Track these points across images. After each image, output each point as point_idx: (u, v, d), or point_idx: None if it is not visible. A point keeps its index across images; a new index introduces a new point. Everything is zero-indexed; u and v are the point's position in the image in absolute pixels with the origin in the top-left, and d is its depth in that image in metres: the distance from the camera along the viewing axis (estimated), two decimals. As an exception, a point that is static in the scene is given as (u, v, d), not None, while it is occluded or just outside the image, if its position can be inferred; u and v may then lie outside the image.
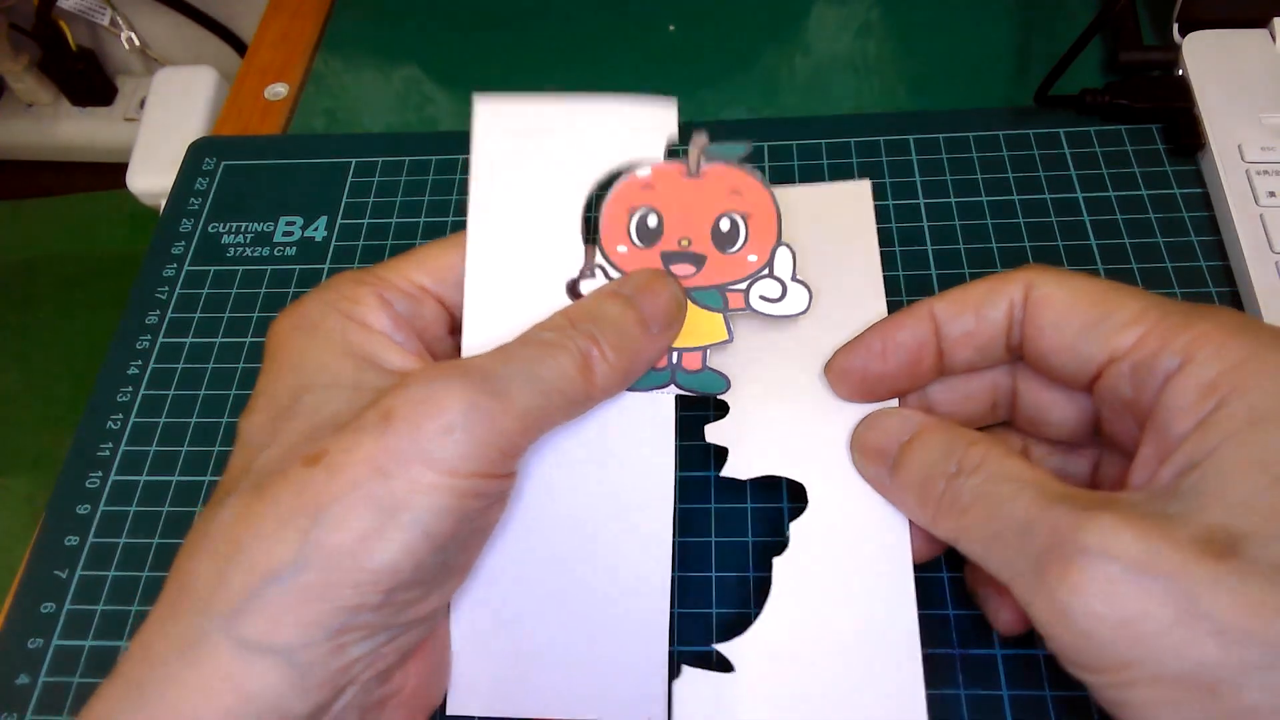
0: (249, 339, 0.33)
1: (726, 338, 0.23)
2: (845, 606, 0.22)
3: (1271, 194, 0.30)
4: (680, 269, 0.23)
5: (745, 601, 0.25)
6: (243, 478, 0.20)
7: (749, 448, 0.23)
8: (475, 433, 0.19)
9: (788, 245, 0.23)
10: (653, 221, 0.23)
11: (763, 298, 0.23)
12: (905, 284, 0.31)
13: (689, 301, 0.23)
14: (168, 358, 0.33)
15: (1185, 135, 0.32)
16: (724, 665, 0.22)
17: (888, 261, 0.32)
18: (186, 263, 0.35)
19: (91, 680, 0.27)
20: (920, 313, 0.22)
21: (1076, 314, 0.20)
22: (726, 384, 0.23)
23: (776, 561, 0.23)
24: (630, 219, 0.23)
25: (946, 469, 0.20)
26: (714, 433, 0.24)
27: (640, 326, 0.22)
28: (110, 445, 0.31)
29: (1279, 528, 0.16)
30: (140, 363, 0.33)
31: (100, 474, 0.31)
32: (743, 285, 0.23)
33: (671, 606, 0.22)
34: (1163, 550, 0.16)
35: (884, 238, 0.32)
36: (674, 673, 0.22)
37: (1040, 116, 0.35)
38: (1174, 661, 0.16)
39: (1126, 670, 0.16)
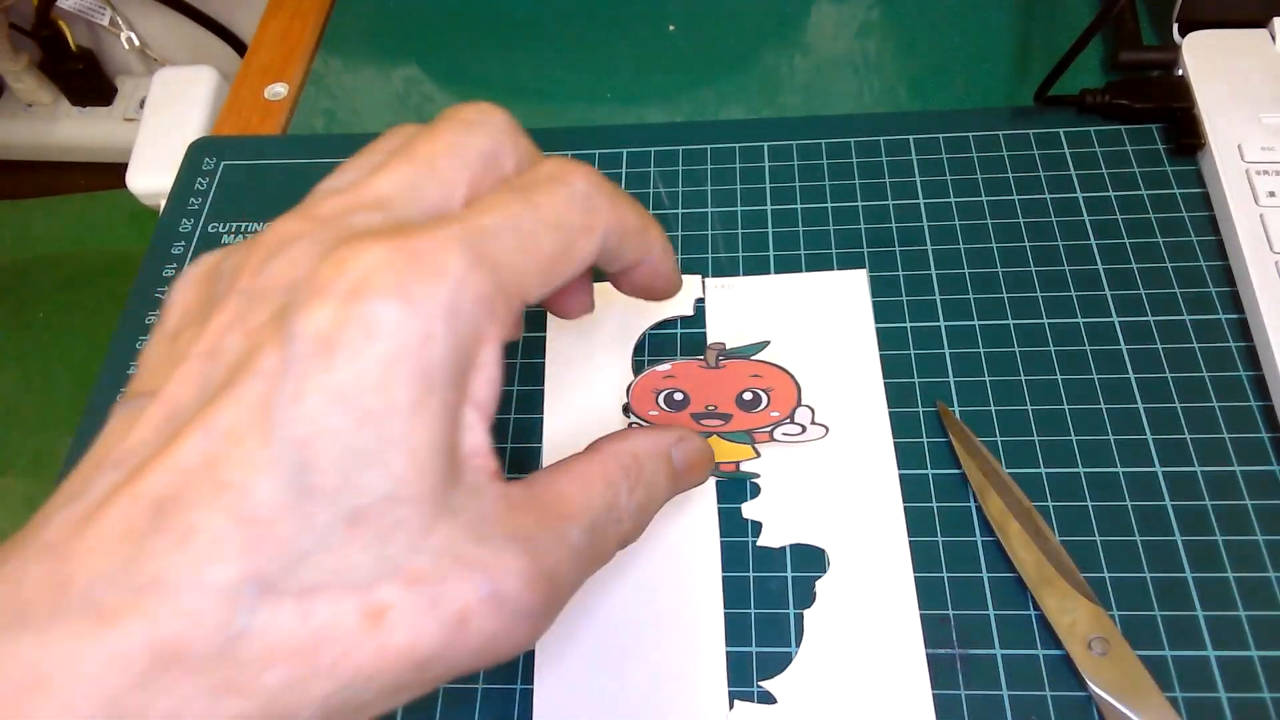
0: (249, 339, 0.33)
1: (755, 456, 0.28)
2: (864, 647, 0.25)
3: (1271, 194, 0.30)
4: (709, 423, 0.27)
5: (785, 642, 0.26)
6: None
7: (778, 522, 0.27)
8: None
9: (808, 406, 0.27)
10: (679, 396, 0.26)
11: (785, 434, 0.27)
12: (905, 284, 0.31)
13: (718, 436, 0.27)
14: (168, 358, 0.33)
15: (1185, 135, 0.32)
16: (766, 699, 0.25)
17: (889, 261, 0.32)
18: (186, 263, 0.35)
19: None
20: None
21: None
22: (756, 474, 0.28)
23: (806, 613, 0.26)
24: (658, 396, 0.26)
25: None
26: (750, 509, 0.28)
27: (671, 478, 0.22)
28: (110, 445, 0.31)
29: None
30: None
31: (100, 474, 0.30)
32: (767, 429, 0.27)
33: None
34: None
35: (884, 237, 0.32)
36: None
37: (1040, 116, 0.35)
38: None
39: None
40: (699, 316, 0.31)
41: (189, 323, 0.18)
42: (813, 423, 0.27)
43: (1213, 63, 0.33)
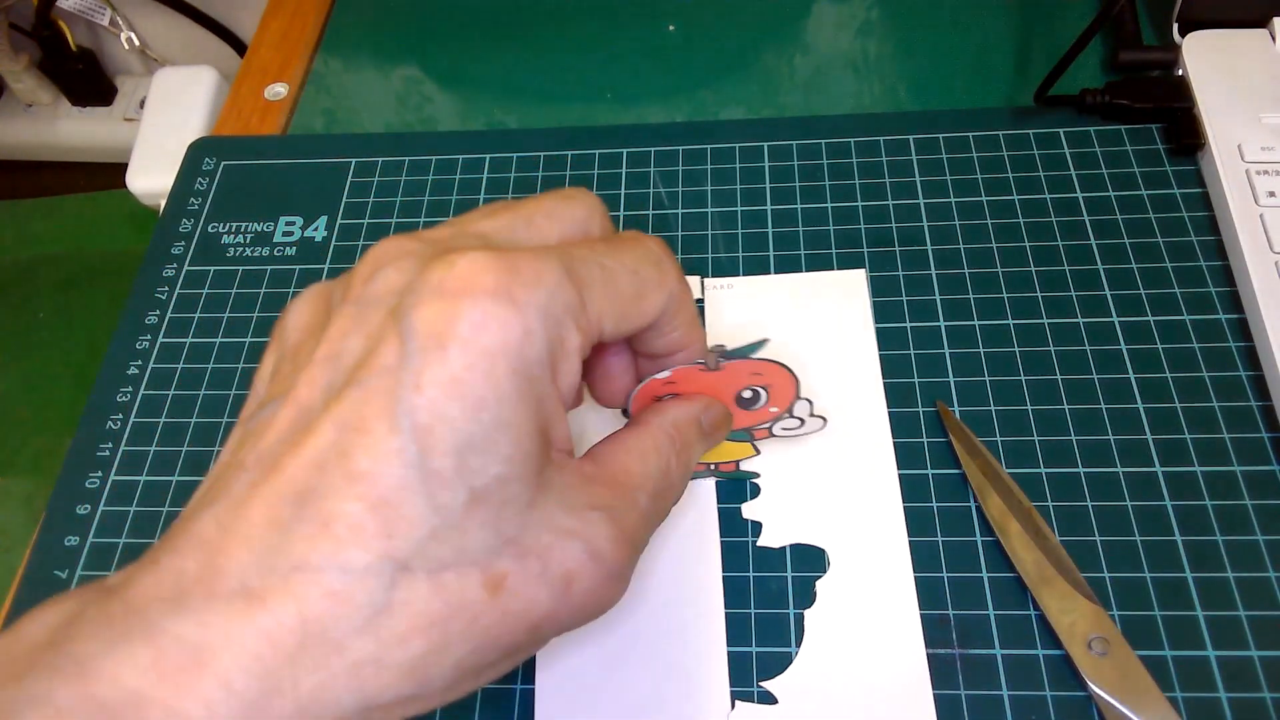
0: (249, 339, 0.33)
1: (754, 454, 0.28)
2: (864, 647, 0.25)
3: (1271, 194, 0.30)
4: None
5: (785, 642, 0.26)
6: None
7: (778, 522, 0.27)
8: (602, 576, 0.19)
9: (806, 399, 0.26)
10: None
11: (784, 428, 0.27)
12: (905, 284, 0.31)
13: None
14: (168, 358, 0.33)
15: (1185, 135, 0.32)
16: (767, 699, 0.25)
17: (889, 261, 0.32)
18: (186, 263, 0.35)
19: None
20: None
21: None
22: (756, 474, 0.28)
23: (806, 613, 0.26)
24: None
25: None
26: (749, 510, 0.28)
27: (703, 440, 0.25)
28: (110, 445, 0.31)
29: None
30: (140, 363, 0.33)
31: (100, 474, 0.31)
32: (766, 425, 0.27)
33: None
34: None
35: (884, 237, 0.32)
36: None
37: (1040, 116, 0.35)
38: None
39: None
40: (699, 317, 0.31)
41: (307, 337, 0.20)
42: (811, 415, 0.27)
43: (1213, 63, 0.33)
